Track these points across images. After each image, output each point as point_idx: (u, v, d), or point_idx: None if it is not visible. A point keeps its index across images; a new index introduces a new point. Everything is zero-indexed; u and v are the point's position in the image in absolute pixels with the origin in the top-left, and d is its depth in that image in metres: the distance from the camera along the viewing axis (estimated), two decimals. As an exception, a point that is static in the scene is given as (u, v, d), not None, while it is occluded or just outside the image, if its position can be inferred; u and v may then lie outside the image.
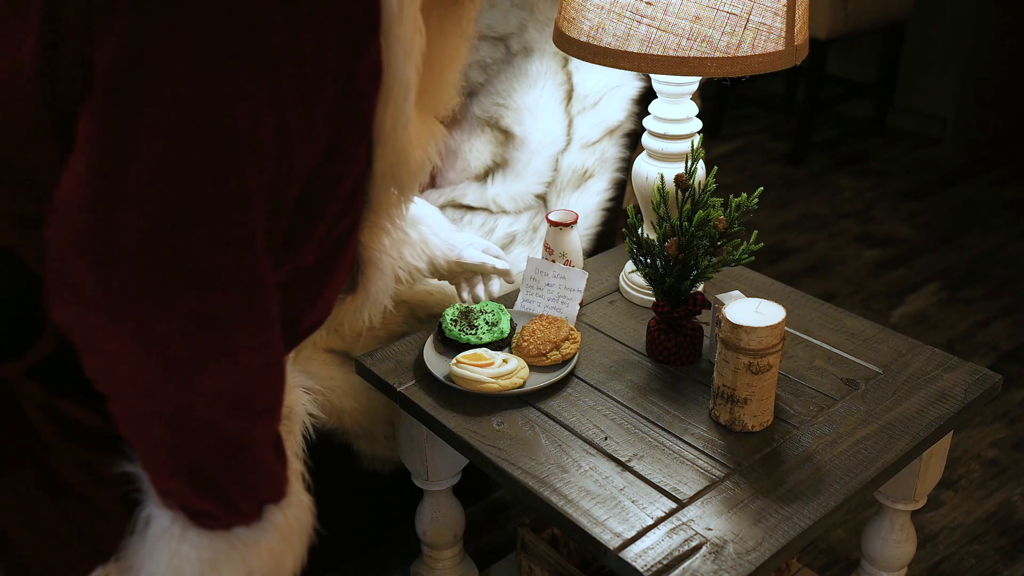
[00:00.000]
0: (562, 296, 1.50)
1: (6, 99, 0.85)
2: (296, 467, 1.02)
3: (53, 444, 0.92)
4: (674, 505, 1.16)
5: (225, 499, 0.91)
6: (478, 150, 2.02)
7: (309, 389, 1.17)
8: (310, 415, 1.15)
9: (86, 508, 0.94)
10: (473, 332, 1.42)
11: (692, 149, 1.42)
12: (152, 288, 0.80)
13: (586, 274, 1.50)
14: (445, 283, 1.71)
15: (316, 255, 0.97)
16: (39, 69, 0.83)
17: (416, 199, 1.44)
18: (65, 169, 0.81)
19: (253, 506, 0.93)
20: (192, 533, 0.91)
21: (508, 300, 1.60)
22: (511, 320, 1.47)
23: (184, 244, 0.80)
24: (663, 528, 1.13)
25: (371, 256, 1.09)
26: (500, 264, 1.53)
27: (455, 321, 1.44)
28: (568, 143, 1.90)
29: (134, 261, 0.80)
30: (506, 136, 1.98)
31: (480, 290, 1.58)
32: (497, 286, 1.59)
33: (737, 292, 1.42)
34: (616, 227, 1.96)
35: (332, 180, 0.93)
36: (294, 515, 0.98)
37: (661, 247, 1.37)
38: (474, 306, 1.48)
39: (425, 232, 1.45)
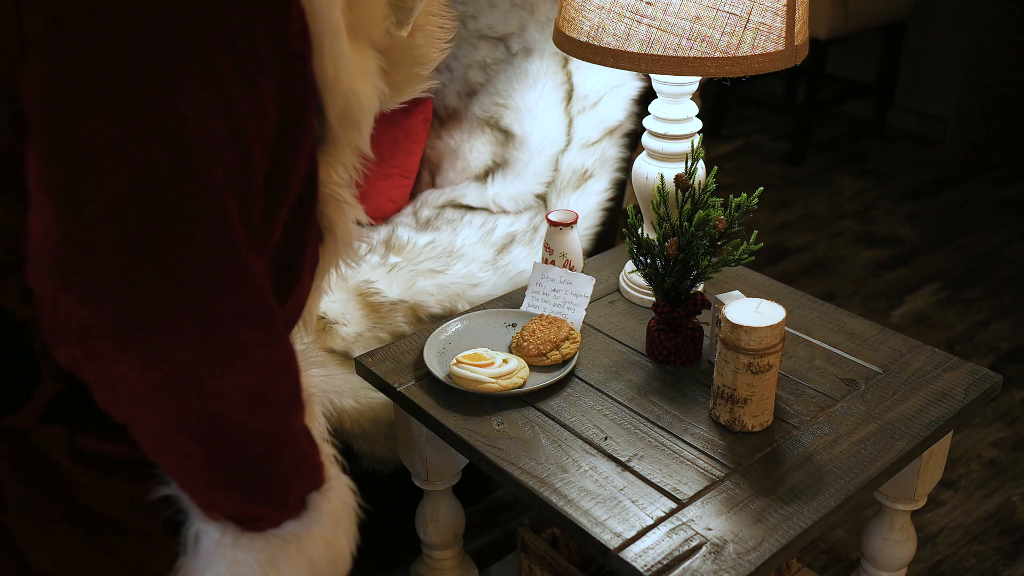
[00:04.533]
0: (568, 302, 1.50)
1: None
2: (328, 451, 1.02)
3: (83, 482, 0.91)
4: (674, 505, 1.16)
5: (269, 498, 0.91)
6: (478, 150, 2.02)
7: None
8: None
9: (130, 539, 0.94)
10: None
11: (692, 149, 1.42)
12: (147, 306, 0.80)
13: (592, 280, 1.50)
14: (444, 285, 1.71)
15: (283, 224, 0.96)
16: None
17: None
18: (27, 212, 0.80)
19: (297, 498, 0.93)
20: (244, 539, 0.91)
21: (513, 303, 1.60)
22: None
23: (166, 255, 0.79)
24: (663, 528, 1.13)
25: (328, 192, 1.04)
26: None
27: None
28: (568, 143, 1.90)
29: (122, 285, 0.79)
30: (506, 136, 1.98)
31: None
32: None
33: (737, 292, 1.42)
34: (616, 227, 1.96)
35: (291, 149, 0.92)
36: (338, 497, 0.98)
37: (661, 247, 1.37)
38: None
39: None
